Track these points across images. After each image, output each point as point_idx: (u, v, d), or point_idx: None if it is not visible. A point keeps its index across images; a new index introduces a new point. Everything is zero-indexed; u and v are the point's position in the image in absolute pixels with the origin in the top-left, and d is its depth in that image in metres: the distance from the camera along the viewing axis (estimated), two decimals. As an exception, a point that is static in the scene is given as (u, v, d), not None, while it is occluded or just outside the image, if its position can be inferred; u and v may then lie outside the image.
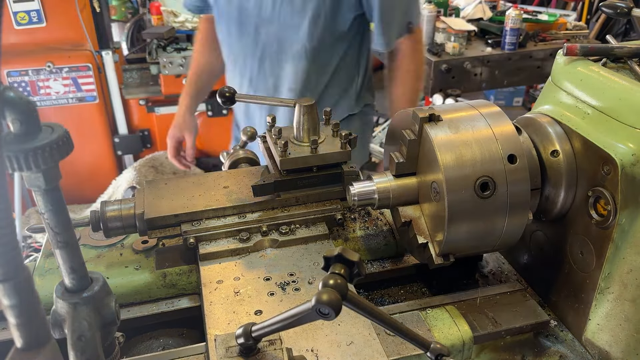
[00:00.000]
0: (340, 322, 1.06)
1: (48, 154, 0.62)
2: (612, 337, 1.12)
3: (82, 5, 3.71)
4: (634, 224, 1.05)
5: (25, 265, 0.60)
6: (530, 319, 1.18)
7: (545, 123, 1.22)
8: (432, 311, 1.18)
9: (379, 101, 2.84)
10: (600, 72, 1.16)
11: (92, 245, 1.37)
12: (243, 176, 1.46)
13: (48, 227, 0.70)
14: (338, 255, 0.75)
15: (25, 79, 3.73)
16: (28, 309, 0.62)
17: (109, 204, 1.28)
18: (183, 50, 3.88)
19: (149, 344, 1.25)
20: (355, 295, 0.77)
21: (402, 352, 1.06)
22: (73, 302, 0.75)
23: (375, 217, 1.44)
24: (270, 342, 0.92)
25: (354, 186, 1.23)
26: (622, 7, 1.36)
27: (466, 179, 1.08)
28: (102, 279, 0.79)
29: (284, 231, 1.31)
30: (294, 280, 1.19)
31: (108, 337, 0.81)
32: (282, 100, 1.49)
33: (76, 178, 3.94)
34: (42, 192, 0.67)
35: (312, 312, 0.74)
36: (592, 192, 1.11)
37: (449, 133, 1.11)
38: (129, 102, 4.11)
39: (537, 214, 1.25)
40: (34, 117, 0.62)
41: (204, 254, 1.26)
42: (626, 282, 1.08)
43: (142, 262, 1.32)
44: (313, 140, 1.32)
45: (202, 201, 1.34)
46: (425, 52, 4.11)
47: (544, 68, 4.20)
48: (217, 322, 1.08)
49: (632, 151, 1.04)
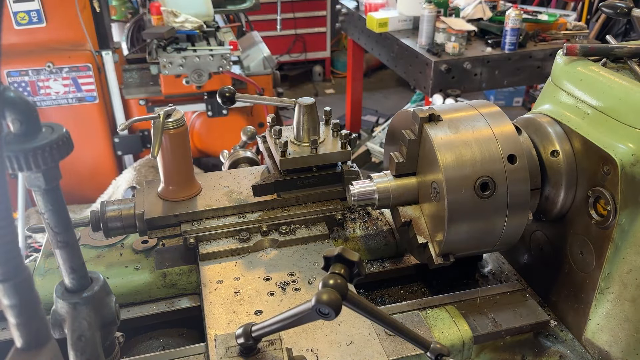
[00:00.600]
0: (340, 322, 1.06)
1: (48, 154, 0.62)
2: (612, 337, 1.12)
3: (82, 5, 3.71)
4: (634, 224, 1.05)
5: (25, 265, 0.60)
6: (530, 319, 1.18)
7: (545, 123, 1.22)
8: (432, 311, 1.18)
9: (379, 101, 2.85)
10: (600, 72, 1.16)
11: (92, 245, 1.37)
12: (243, 176, 1.46)
13: (48, 227, 0.70)
14: (338, 255, 0.75)
15: (25, 79, 3.72)
16: (28, 308, 0.62)
17: (109, 204, 1.29)
18: (183, 50, 3.88)
19: (149, 344, 1.25)
20: (355, 295, 0.77)
21: (402, 352, 1.06)
22: (73, 302, 0.75)
23: (375, 217, 1.44)
24: (270, 342, 0.92)
25: (354, 186, 1.23)
26: (622, 7, 1.36)
27: (466, 179, 1.08)
28: (102, 279, 0.79)
29: (284, 231, 1.31)
30: (294, 280, 1.19)
31: (108, 337, 0.81)
32: (282, 100, 1.49)
33: (76, 178, 3.94)
34: (42, 192, 0.67)
35: (312, 312, 0.74)
36: (592, 192, 1.11)
37: (449, 133, 1.11)
38: (129, 102, 4.10)
39: (537, 214, 1.25)
40: (34, 117, 0.62)
41: (204, 254, 1.26)
42: (626, 282, 1.08)
43: (142, 262, 1.32)
44: (313, 141, 1.32)
45: (202, 201, 1.34)
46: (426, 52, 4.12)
47: (544, 68, 4.20)
48: (217, 322, 1.08)
49: (632, 151, 1.04)
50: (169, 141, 1.30)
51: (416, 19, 4.42)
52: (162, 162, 1.33)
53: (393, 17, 4.57)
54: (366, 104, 6.45)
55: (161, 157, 1.32)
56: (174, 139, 1.31)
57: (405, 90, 7.21)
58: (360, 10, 5.18)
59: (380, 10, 4.82)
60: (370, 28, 4.70)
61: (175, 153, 1.33)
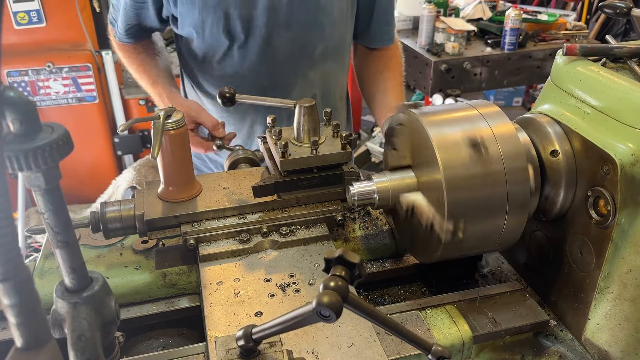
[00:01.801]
0: (340, 324, 1.06)
1: (48, 153, 0.62)
2: (612, 336, 1.12)
3: (82, 5, 3.71)
4: (634, 224, 1.05)
5: (26, 264, 0.60)
6: (529, 319, 1.19)
7: (545, 123, 1.22)
8: (431, 311, 1.18)
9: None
10: (600, 72, 1.16)
11: (92, 246, 1.37)
12: (243, 177, 1.46)
13: (48, 226, 0.70)
14: (339, 257, 0.75)
15: (25, 79, 3.72)
16: (28, 308, 0.62)
17: (109, 205, 1.28)
18: (183, 50, 3.87)
19: (149, 344, 1.25)
20: (356, 297, 0.77)
21: (402, 351, 1.06)
22: (73, 302, 0.75)
23: (375, 217, 1.44)
24: (271, 344, 0.92)
25: (354, 186, 1.23)
26: (621, 7, 1.36)
27: (466, 179, 1.08)
28: (102, 279, 0.79)
29: (284, 232, 1.31)
30: (294, 282, 1.18)
31: (108, 336, 0.81)
32: (283, 101, 1.49)
33: (76, 178, 3.94)
34: (42, 191, 0.67)
35: (313, 314, 0.74)
36: (591, 192, 1.11)
37: (449, 133, 1.12)
38: (129, 102, 4.10)
39: (536, 213, 1.25)
40: (34, 117, 0.62)
41: (204, 255, 1.26)
42: (626, 282, 1.08)
43: (141, 262, 1.32)
44: (313, 141, 1.32)
45: (202, 202, 1.34)
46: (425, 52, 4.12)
47: (543, 68, 4.20)
48: (217, 324, 1.08)
49: (631, 151, 1.04)
50: (169, 142, 1.30)
51: (416, 19, 4.42)
52: (162, 163, 1.33)
53: (393, 17, 4.56)
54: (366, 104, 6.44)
55: (161, 158, 1.32)
56: (174, 140, 1.31)
57: (405, 90, 7.21)
58: (360, 11, 5.16)
59: (380, 10, 4.81)
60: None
61: (175, 154, 1.33)
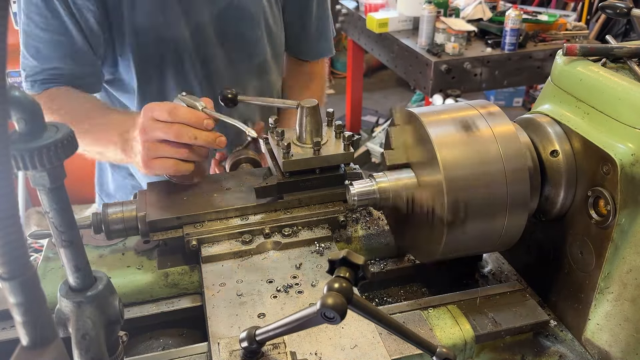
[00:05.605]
0: (344, 325, 1.05)
1: (53, 152, 0.62)
2: (612, 337, 1.12)
3: (83, 6, 3.71)
4: (634, 224, 1.06)
5: (31, 263, 0.60)
6: (530, 319, 1.19)
7: (545, 123, 1.22)
8: (433, 310, 1.18)
9: (379, 102, 2.85)
10: (600, 72, 1.17)
11: (94, 246, 1.37)
12: (245, 178, 1.46)
13: (52, 226, 0.70)
14: (343, 258, 0.75)
15: (25, 79, 3.72)
16: (34, 307, 0.62)
17: (111, 206, 1.29)
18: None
19: (149, 344, 1.25)
20: (360, 299, 0.77)
21: (404, 351, 1.06)
22: (77, 301, 0.75)
23: (377, 217, 1.44)
24: (275, 346, 0.92)
25: (354, 186, 1.22)
26: (621, 7, 1.36)
27: (466, 179, 1.09)
28: (106, 278, 0.79)
29: (287, 233, 1.31)
30: (297, 283, 1.18)
31: (112, 335, 0.81)
32: (285, 101, 1.49)
33: (76, 178, 3.94)
34: (47, 190, 0.67)
35: (317, 316, 0.74)
36: (591, 192, 1.12)
37: (449, 133, 1.12)
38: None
39: (536, 213, 1.25)
40: (39, 116, 0.63)
41: (206, 256, 1.26)
42: (626, 282, 1.08)
43: (144, 262, 1.33)
44: (316, 142, 1.32)
45: (205, 203, 1.34)
46: (426, 52, 4.12)
47: (543, 68, 4.20)
48: (219, 325, 1.08)
49: (631, 151, 1.04)
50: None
51: (416, 20, 4.43)
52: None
53: (393, 17, 4.57)
54: (366, 104, 6.45)
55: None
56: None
57: (405, 90, 7.21)
58: (360, 11, 5.19)
59: (380, 10, 4.83)
60: (370, 28, 4.71)
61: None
